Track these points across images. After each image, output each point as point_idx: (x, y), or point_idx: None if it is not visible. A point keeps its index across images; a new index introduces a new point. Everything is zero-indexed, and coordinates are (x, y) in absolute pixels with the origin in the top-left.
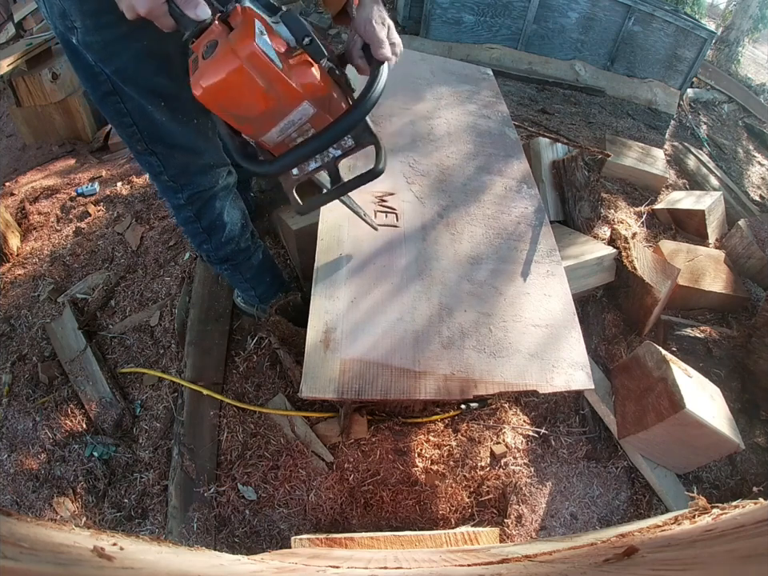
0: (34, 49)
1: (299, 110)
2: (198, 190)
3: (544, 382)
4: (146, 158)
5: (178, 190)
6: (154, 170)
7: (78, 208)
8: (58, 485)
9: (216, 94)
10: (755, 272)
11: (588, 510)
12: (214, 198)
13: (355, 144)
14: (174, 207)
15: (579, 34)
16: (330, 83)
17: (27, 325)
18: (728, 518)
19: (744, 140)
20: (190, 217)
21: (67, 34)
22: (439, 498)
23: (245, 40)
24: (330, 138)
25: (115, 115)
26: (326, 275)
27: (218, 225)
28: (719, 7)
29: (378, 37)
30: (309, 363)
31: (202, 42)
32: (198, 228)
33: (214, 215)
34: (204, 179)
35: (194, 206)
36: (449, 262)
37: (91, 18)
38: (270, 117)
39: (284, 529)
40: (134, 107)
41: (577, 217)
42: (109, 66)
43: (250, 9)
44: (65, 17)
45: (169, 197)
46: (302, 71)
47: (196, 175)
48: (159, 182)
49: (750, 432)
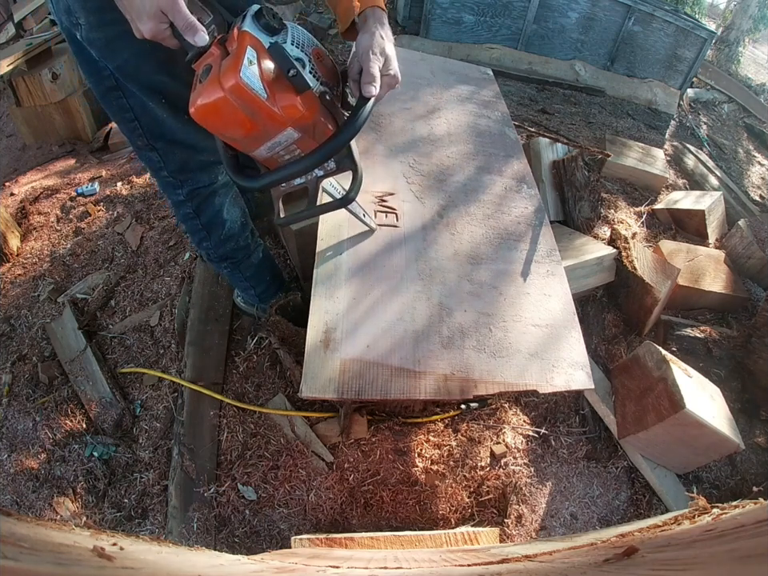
0: (33, 49)
1: (284, 134)
2: (198, 186)
3: (544, 382)
4: (146, 154)
5: (178, 185)
6: (154, 165)
7: (78, 208)
8: (58, 485)
9: (205, 116)
10: (755, 272)
11: (588, 510)
12: (214, 194)
13: (336, 167)
14: (173, 204)
15: (579, 34)
16: (316, 110)
17: (27, 325)
18: (728, 518)
19: (744, 140)
20: (190, 213)
21: (72, 30)
22: (439, 498)
23: (229, 72)
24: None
25: (118, 110)
26: (325, 275)
27: (218, 222)
28: (719, 7)
29: (370, 71)
30: (309, 363)
31: (201, 64)
32: (197, 225)
33: (214, 212)
34: (203, 175)
35: (194, 203)
36: (449, 262)
37: (94, 15)
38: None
39: (284, 529)
40: (135, 103)
41: (577, 217)
42: (111, 62)
43: (247, 34)
44: (70, 13)
45: (169, 193)
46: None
47: (195, 171)
48: (159, 177)
49: (749, 432)
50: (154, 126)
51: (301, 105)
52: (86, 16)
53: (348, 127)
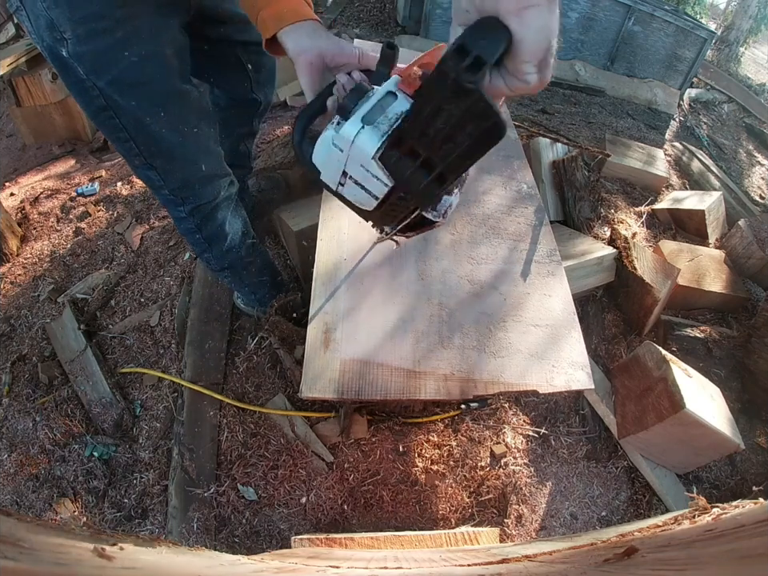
0: (34, 49)
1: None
2: (200, 203)
3: (544, 382)
4: (144, 173)
5: (180, 203)
6: (153, 184)
7: (78, 208)
8: (58, 485)
9: None
10: (755, 272)
11: (588, 510)
12: (217, 209)
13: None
14: (175, 219)
15: (579, 34)
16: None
17: (27, 325)
18: (728, 518)
19: (744, 140)
20: (191, 228)
21: (56, 47)
22: (439, 498)
23: None
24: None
25: (111, 130)
26: (325, 275)
27: (220, 235)
28: (719, 7)
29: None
30: (309, 363)
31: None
32: (199, 238)
33: (216, 226)
34: (206, 191)
35: (196, 218)
36: (449, 262)
37: (83, 26)
38: None
39: (284, 529)
40: (128, 121)
41: (577, 217)
42: (104, 76)
43: None
44: (53, 28)
45: (170, 209)
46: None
47: (198, 187)
48: (160, 195)
49: (750, 432)
50: (151, 143)
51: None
52: (73, 28)
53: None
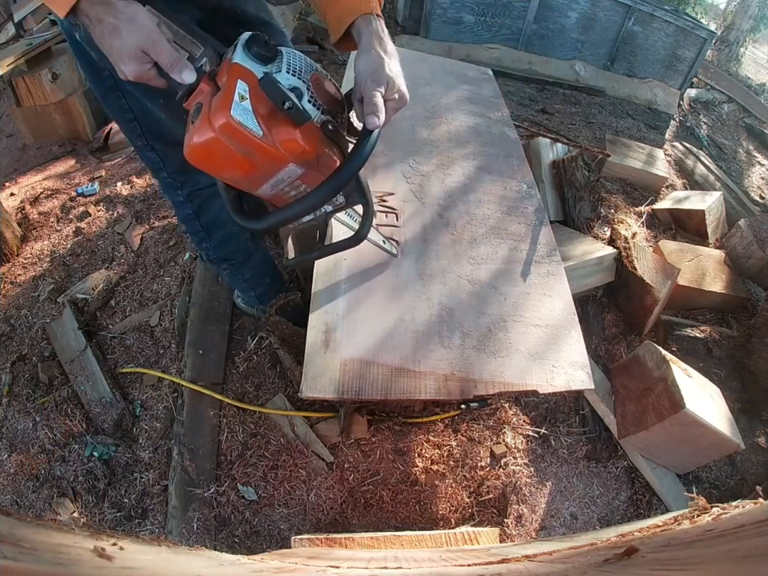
0: (33, 49)
1: (286, 171)
2: (198, 188)
3: (544, 382)
4: (146, 154)
5: (178, 186)
6: (154, 165)
7: (78, 208)
8: (57, 485)
9: (199, 159)
10: (755, 272)
11: (588, 510)
12: (214, 195)
13: (346, 202)
14: (174, 204)
15: (579, 34)
16: (318, 141)
17: (27, 325)
18: (728, 518)
19: (744, 140)
20: (190, 214)
21: (71, 30)
22: (439, 498)
23: (219, 110)
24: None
25: (117, 110)
26: (325, 275)
27: (218, 223)
28: (719, 7)
29: (372, 101)
30: (309, 363)
31: (192, 102)
32: (197, 226)
33: (214, 213)
34: (203, 176)
35: (194, 204)
36: (449, 262)
37: None
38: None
39: (284, 529)
40: (135, 104)
41: (577, 217)
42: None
43: (237, 66)
44: None
45: (169, 194)
46: (285, 134)
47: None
48: (160, 178)
49: (750, 432)
50: (154, 126)
51: (301, 138)
52: None
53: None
